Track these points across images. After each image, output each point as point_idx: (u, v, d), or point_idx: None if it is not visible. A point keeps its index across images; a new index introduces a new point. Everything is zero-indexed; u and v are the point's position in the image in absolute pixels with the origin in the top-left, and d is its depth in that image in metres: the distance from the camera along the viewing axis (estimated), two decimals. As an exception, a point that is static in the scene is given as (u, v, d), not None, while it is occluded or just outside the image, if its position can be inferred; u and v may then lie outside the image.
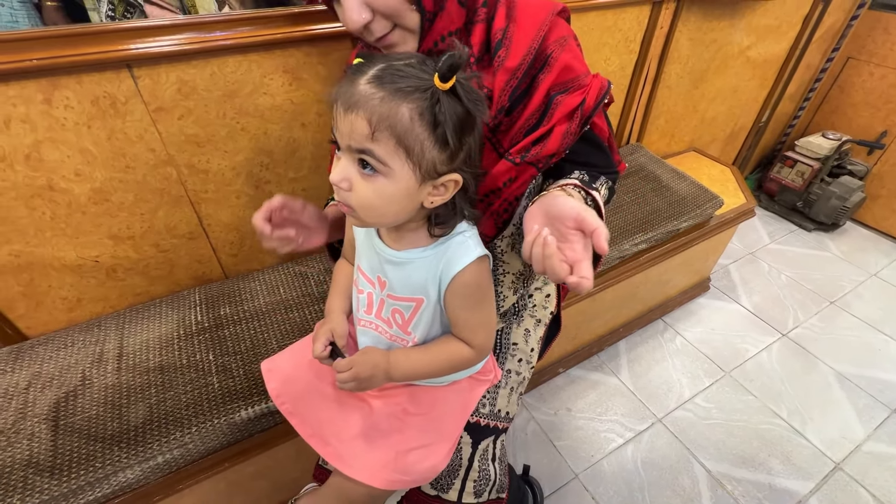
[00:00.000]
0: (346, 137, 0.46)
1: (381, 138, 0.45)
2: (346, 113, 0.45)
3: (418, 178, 0.48)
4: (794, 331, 1.59)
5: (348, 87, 0.46)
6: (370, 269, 0.61)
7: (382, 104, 0.44)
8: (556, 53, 0.64)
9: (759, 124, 1.98)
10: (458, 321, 0.59)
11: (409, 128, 0.45)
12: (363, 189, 0.48)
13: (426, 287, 0.57)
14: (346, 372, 0.56)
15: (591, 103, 0.65)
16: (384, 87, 0.45)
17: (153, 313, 0.95)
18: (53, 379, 0.82)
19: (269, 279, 1.04)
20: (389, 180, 0.47)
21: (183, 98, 0.80)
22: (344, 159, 0.48)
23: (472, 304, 0.58)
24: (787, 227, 2.08)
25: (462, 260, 0.55)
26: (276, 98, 0.88)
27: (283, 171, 0.98)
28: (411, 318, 0.59)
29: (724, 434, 1.28)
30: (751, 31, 1.55)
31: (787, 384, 1.41)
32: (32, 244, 0.81)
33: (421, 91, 0.45)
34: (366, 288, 0.62)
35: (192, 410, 0.78)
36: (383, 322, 0.61)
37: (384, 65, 0.46)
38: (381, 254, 0.58)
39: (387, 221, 0.53)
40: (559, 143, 0.65)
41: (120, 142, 0.79)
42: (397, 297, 0.59)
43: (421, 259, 0.57)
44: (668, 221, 1.27)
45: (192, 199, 0.91)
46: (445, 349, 0.60)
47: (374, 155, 0.46)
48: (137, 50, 0.71)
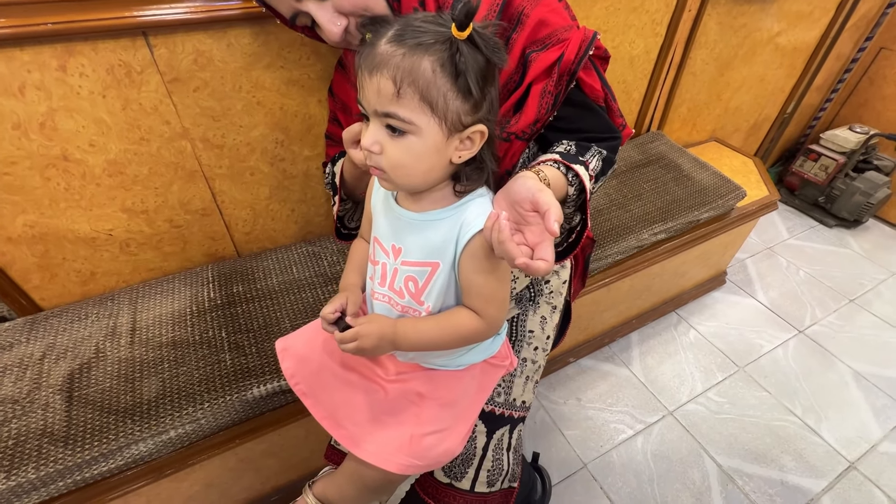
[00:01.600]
0: (372, 102, 0.46)
1: (405, 95, 0.45)
2: (371, 76, 0.45)
3: (445, 131, 0.48)
4: (812, 328, 1.56)
5: (370, 51, 0.46)
6: (386, 237, 0.59)
7: (405, 60, 0.44)
8: (529, 9, 0.61)
9: (783, 115, 1.92)
10: (471, 288, 0.57)
11: (432, 80, 0.45)
12: (393, 150, 0.48)
13: (443, 249, 0.55)
14: (352, 343, 0.55)
15: (571, 56, 0.61)
16: (405, 44, 0.44)
17: (166, 289, 0.94)
18: (67, 351, 0.82)
19: (282, 258, 1.03)
20: (418, 138, 0.47)
21: (199, 69, 0.78)
22: (373, 124, 0.48)
23: (488, 269, 0.55)
24: (808, 222, 2.03)
25: (481, 220, 0.53)
26: (293, 72, 0.85)
27: (299, 148, 0.96)
28: (425, 285, 0.58)
29: (736, 429, 1.26)
30: (782, 17, 1.49)
31: (803, 381, 1.39)
32: (47, 215, 0.81)
33: (440, 42, 0.44)
34: (381, 258, 0.60)
35: (204, 386, 0.78)
36: (395, 293, 0.59)
37: (401, 24, 0.46)
38: (401, 218, 0.57)
39: (417, 181, 0.52)
40: (537, 105, 0.62)
41: (135, 113, 0.77)
42: (412, 262, 0.57)
43: (441, 220, 0.55)
44: (689, 212, 1.23)
45: (207, 174, 0.90)
46: (455, 319, 0.58)
47: (399, 116, 0.46)
48: (154, 17, 0.69)
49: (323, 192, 1.05)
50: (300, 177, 1.00)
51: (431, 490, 0.72)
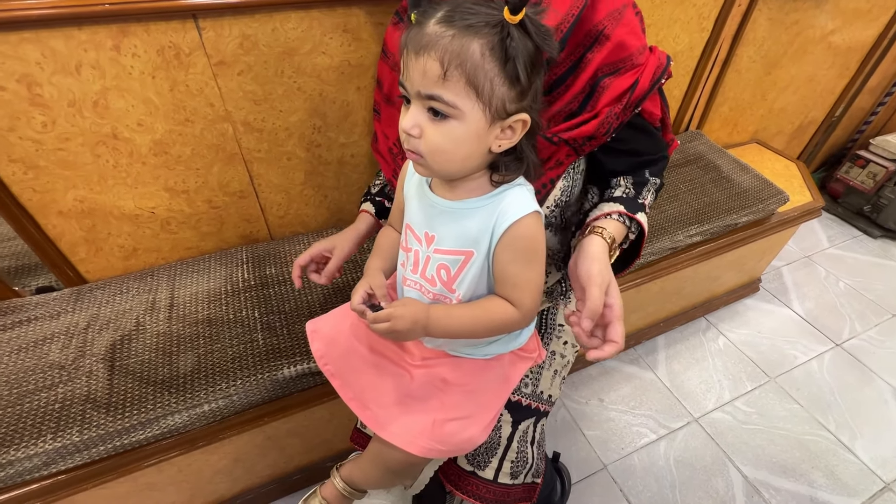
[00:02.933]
0: (416, 83, 0.45)
1: (451, 78, 0.44)
2: (417, 57, 0.44)
3: (488, 118, 0.47)
4: (850, 341, 1.49)
5: (417, 31, 0.45)
6: (420, 224, 0.59)
7: (453, 42, 0.43)
8: (610, 29, 0.59)
9: (831, 118, 1.83)
10: (506, 278, 0.56)
11: (480, 64, 0.44)
12: (433, 134, 0.47)
13: (478, 238, 0.55)
14: (384, 323, 0.53)
15: (646, 85, 0.60)
16: (454, 25, 0.43)
17: (202, 268, 0.97)
18: (110, 322, 0.85)
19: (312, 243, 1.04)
20: (459, 122, 0.47)
21: (244, 53, 0.79)
22: (414, 107, 0.47)
23: (524, 260, 0.55)
24: (850, 231, 1.94)
25: (519, 210, 0.53)
26: (334, 58, 0.86)
27: (335, 135, 0.97)
28: (458, 273, 0.57)
29: (764, 440, 1.23)
30: (838, 14, 1.42)
31: (838, 396, 1.34)
32: (96, 191, 0.84)
33: (491, 26, 0.43)
34: (413, 245, 0.60)
35: (237, 364, 0.80)
36: (427, 281, 0.59)
37: (452, 5, 0.45)
38: (436, 205, 0.56)
39: (455, 167, 0.51)
40: (598, 124, 0.61)
41: (181, 94, 0.79)
42: (445, 250, 0.57)
43: (476, 209, 0.54)
44: (727, 215, 1.19)
45: (245, 157, 0.92)
46: (489, 307, 0.57)
47: (444, 100, 0.45)
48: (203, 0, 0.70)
49: (355, 180, 1.06)
50: (335, 164, 1.01)
51: (454, 477, 0.72)
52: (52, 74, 0.70)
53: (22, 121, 0.72)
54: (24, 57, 0.67)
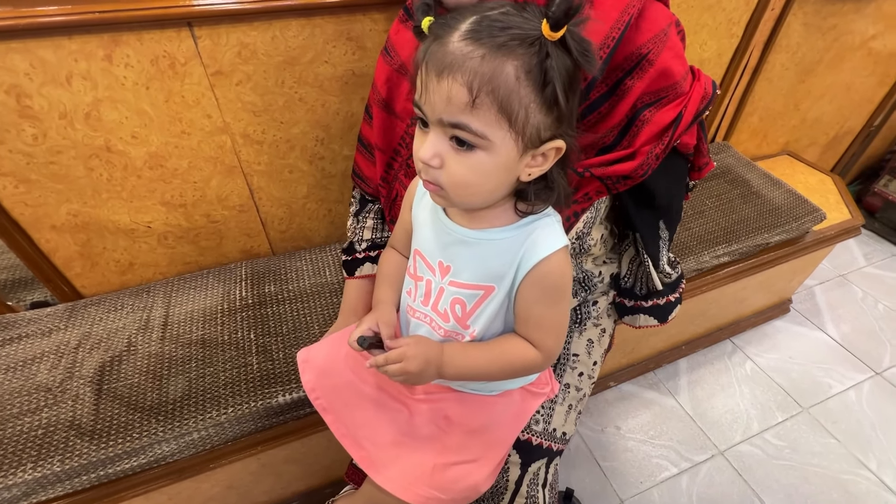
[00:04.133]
0: (438, 109, 0.39)
1: (481, 106, 0.38)
2: (440, 79, 0.38)
3: (520, 148, 0.41)
4: (891, 370, 1.38)
5: (438, 48, 0.38)
6: (432, 252, 0.53)
7: (484, 64, 0.37)
8: (654, 54, 0.53)
9: (869, 128, 1.72)
10: (529, 318, 0.50)
11: (514, 89, 0.37)
12: (456, 166, 0.41)
13: (501, 274, 0.49)
14: (396, 364, 0.48)
15: (689, 119, 0.55)
16: (484, 43, 0.37)
17: (200, 284, 0.93)
18: (101, 342, 0.82)
19: (315, 259, 1.00)
20: (488, 154, 0.41)
21: (242, 62, 0.75)
22: (434, 134, 0.41)
23: (551, 299, 0.49)
24: (890, 249, 1.82)
25: (550, 245, 0.47)
26: (338, 68, 0.82)
27: (339, 147, 0.92)
28: (473, 309, 0.52)
29: (797, 479, 1.13)
30: (879, 19, 1.32)
31: (879, 431, 1.23)
32: (90, 205, 0.81)
33: (528, 44, 0.37)
34: (425, 275, 0.54)
35: (229, 390, 0.76)
36: (439, 315, 0.54)
37: (478, 16, 0.38)
38: (452, 233, 0.51)
39: (479, 201, 0.45)
40: (637, 166, 0.55)
41: (177, 105, 0.76)
42: (462, 283, 0.51)
43: (500, 240, 0.49)
44: (758, 234, 1.11)
45: (245, 170, 0.88)
46: (509, 349, 0.52)
47: (471, 129, 0.39)
48: (199, 7, 0.67)
49: (361, 192, 1.02)
50: (339, 176, 0.97)
51: None
52: (41, 85, 0.67)
53: (11, 133, 0.69)
54: (13, 67, 0.64)
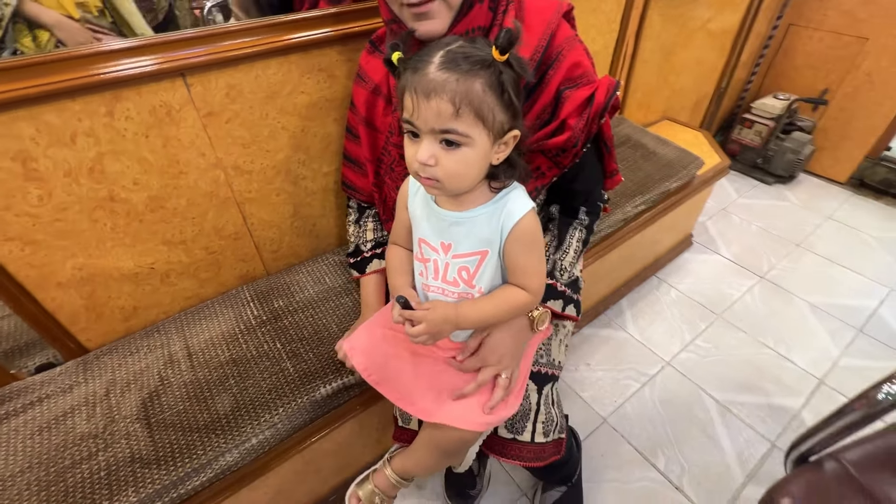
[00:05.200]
0: (430, 121, 0.54)
1: (462, 114, 0.53)
2: (429, 99, 0.52)
3: (491, 140, 0.58)
4: (770, 273, 1.78)
5: (422, 78, 0.53)
6: (433, 237, 0.68)
7: (459, 84, 0.52)
8: (566, 52, 0.72)
9: (719, 91, 2.16)
10: (516, 268, 0.67)
11: (484, 98, 0.53)
12: (448, 161, 0.56)
13: (490, 239, 0.65)
14: (418, 327, 0.63)
15: (601, 100, 0.71)
16: (457, 70, 0.52)
17: (208, 314, 0.98)
18: (131, 383, 0.85)
19: (312, 270, 1.09)
20: (471, 148, 0.56)
21: (230, 102, 0.84)
22: (427, 141, 0.56)
23: (529, 250, 0.66)
24: (751, 182, 2.29)
25: (521, 208, 0.64)
26: (313, 96, 0.93)
27: (318, 165, 1.03)
28: (476, 271, 0.67)
29: (724, 367, 1.44)
30: (710, 5, 1.70)
31: (771, 319, 1.60)
32: (94, 256, 0.83)
33: (486, 67, 0.53)
34: (431, 256, 0.69)
35: (274, 394, 0.84)
36: (449, 283, 0.69)
37: (444, 52, 0.53)
38: (446, 218, 0.66)
39: (467, 185, 0.61)
40: (568, 138, 0.71)
41: (174, 148, 0.82)
42: (463, 254, 0.66)
43: (483, 214, 0.65)
44: (661, 183, 1.40)
45: (238, 199, 0.95)
46: (507, 295, 0.68)
47: (458, 131, 0.54)
48: (191, 59, 0.75)
49: (338, 203, 1.12)
50: (320, 192, 1.07)
51: (498, 447, 0.81)
52: (46, 148, 0.71)
53: (17, 198, 0.72)
54: (19, 134, 0.68)
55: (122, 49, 0.69)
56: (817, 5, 2.05)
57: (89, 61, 0.67)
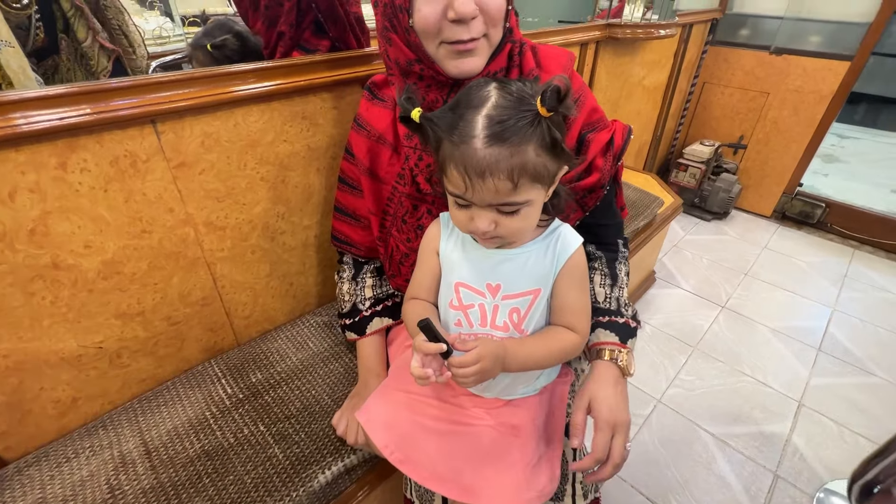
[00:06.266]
0: (487, 199, 0.52)
1: (521, 185, 0.51)
2: (484, 179, 0.49)
3: (546, 189, 0.55)
4: (729, 302, 1.88)
5: (471, 156, 0.49)
6: (476, 279, 0.62)
7: (514, 158, 0.49)
8: (583, 97, 0.73)
9: (655, 139, 2.37)
10: (565, 305, 0.63)
11: (538, 161, 0.51)
12: (509, 223, 0.54)
13: (544, 275, 0.61)
14: (473, 366, 0.54)
15: (619, 141, 0.73)
16: (508, 144, 0.49)
17: (169, 398, 0.82)
18: (67, 501, 0.66)
19: (291, 335, 0.96)
20: (530, 207, 0.54)
21: (206, 151, 0.75)
22: (484, 213, 0.53)
23: (580, 285, 0.63)
24: (692, 220, 2.47)
25: (574, 241, 0.62)
26: (295, 145, 0.86)
27: (298, 219, 0.94)
28: (527, 312, 0.62)
29: (712, 399, 1.45)
30: (644, 65, 1.90)
31: (741, 346, 1.66)
32: (26, 339, 0.67)
33: (533, 126, 0.49)
34: (475, 300, 0.63)
35: (262, 490, 0.69)
36: (498, 329, 0.63)
37: (486, 121, 0.49)
38: (494, 257, 0.61)
39: (530, 235, 0.60)
40: (598, 178, 0.71)
41: (138, 204, 0.71)
42: (514, 294, 0.61)
43: (535, 249, 0.62)
44: (630, 222, 1.45)
45: (208, 259, 0.84)
46: (556, 336, 0.63)
47: (517, 203, 0.52)
48: (164, 105, 0.67)
49: (319, 260, 1.03)
50: (299, 248, 0.98)
51: None
52: (-26, 207, 0.57)
53: (-73, 271, 0.57)
54: (-61, 192, 0.55)
55: (83, 91, 0.60)
56: (725, 66, 2.37)
57: (35, 104, 0.57)
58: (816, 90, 2.11)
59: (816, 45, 2.10)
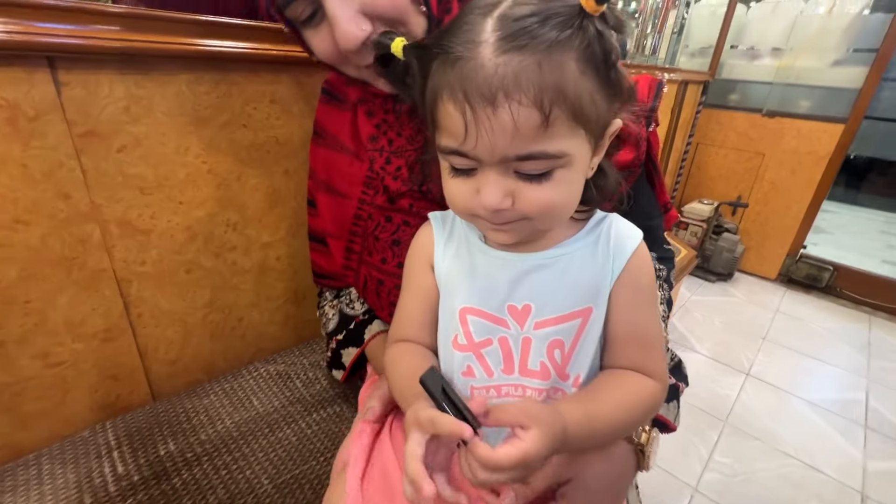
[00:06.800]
0: (501, 146, 0.32)
1: (555, 122, 0.31)
2: (497, 109, 0.30)
3: (592, 145, 0.37)
4: (753, 368, 1.66)
5: (477, 71, 0.31)
6: (495, 301, 0.41)
7: (545, 71, 0.30)
8: None
9: (654, 195, 2.29)
10: (631, 333, 0.41)
11: (583, 87, 0.32)
12: (535, 195, 0.34)
13: (596, 285, 0.40)
14: (517, 463, 0.31)
15: (645, 97, 0.55)
16: (530, 48, 0.30)
17: (24, 479, 0.54)
18: None
19: (230, 390, 0.70)
20: (567, 169, 0.34)
21: (131, 121, 0.55)
22: (494, 173, 0.34)
23: (649, 300, 0.42)
24: (697, 281, 2.33)
25: (633, 234, 0.42)
26: (259, 134, 0.68)
27: (256, 232, 0.73)
28: (574, 345, 0.40)
29: (758, 488, 1.18)
30: (645, 116, 1.85)
31: (777, 421, 1.42)
32: None
33: (574, 27, 0.31)
34: (493, 334, 0.41)
35: None
36: (534, 376, 0.40)
37: (498, 22, 0.31)
38: (520, 264, 0.41)
39: (565, 218, 0.39)
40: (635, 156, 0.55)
41: (13, 181, 0.49)
42: (554, 318, 0.40)
43: (579, 248, 0.41)
44: (649, 269, 1.28)
45: (120, 274, 0.60)
46: (627, 391, 0.40)
47: (549, 154, 0.32)
48: (71, 39, 0.48)
49: (281, 291, 0.80)
50: (254, 271, 0.75)
51: None
52: None
53: None
54: None
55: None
56: (718, 128, 2.37)
57: None
58: (813, 151, 2.09)
59: (808, 109, 2.11)
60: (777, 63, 2.18)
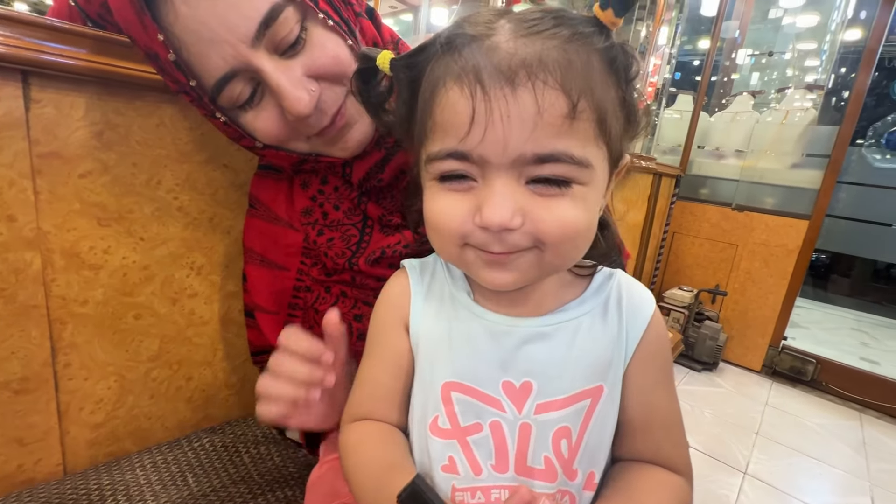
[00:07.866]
0: (515, 140, 0.28)
1: (580, 117, 0.28)
2: (516, 89, 0.27)
3: (608, 172, 0.33)
4: (750, 467, 1.55)
5: (493, 52, 0.28)
6: (486, 374, 0.35)
7: (571, 53, 0.28)
8: None
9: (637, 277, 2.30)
10: (652, 418, 0.36)
11: (606, 90, 0.30)
12: (553, 213, 0.29)
13: (607, 358, 0.35)
14: None
15: None
16: (554, 33, 0.28)
17: None
18: None
19: (164, 463, 0.59)
20: (587, 187, 0.30)
21: (102, 147, 0.52)
22: (502, 182, 0.29)
23: (669, 377, 0.37)
24: (682, 370, 2.26)
25: (649, 300, 0.37)
26: (239, 174, 0.65)
27: (221, 279, 0.67)
28: (582, 432, 0.34)
29: None
30: (624, 201, 1.92)
31: (784, 528, 1.28)
32: None
33: (595, 33, 0.29)
34: (485, 417, 0.34)
35: None
36: (538, 477, 0.33)
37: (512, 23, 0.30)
38: (513, 331, 0.35)
39: (579, 254, 0.33)
40: None
41: (-51, 193, 0.44)
42: (561, 400, 0.34)
43: (590, 314, 0.36)
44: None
45: (54, 313, 0.53)
46: (661, 492, 0.33)
47: (573, 158, 0.28)
48: (49, 57, 0.46)
49: (241, 349, 0.72)
50: (213, 323, 0.68)
51: None
52: None
53: None
54: None
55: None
56: (692, 219, 2.49)
57: None
58: (782, 244, 2.19)
59: (773, 206, 2.25)
60: (741, 163, 2.36)
